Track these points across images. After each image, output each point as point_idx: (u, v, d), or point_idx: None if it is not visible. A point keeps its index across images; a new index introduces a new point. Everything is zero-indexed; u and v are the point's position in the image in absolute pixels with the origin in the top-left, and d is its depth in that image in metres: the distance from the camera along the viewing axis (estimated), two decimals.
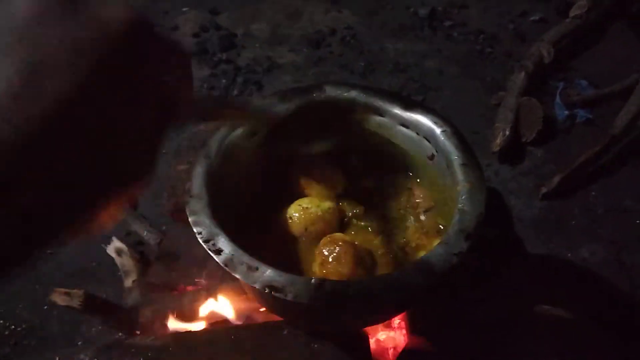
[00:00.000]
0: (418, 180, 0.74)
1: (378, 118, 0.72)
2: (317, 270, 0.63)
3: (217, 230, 0.57)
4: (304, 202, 0.68)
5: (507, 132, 1.18)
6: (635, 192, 1.11)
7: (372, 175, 0.75)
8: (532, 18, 1.54)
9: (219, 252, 0.56)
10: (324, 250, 0.62)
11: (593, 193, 1.12)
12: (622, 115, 1.18)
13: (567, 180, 1.11)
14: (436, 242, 0.59)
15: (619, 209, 1.09)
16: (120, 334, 0.87)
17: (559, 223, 1.08)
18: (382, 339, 0.87)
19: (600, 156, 1.14)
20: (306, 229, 0.66)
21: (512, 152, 1.19)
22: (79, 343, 0.93)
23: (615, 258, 1.01)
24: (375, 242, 0.67)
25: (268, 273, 0.54)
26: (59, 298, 0.95)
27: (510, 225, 1.05)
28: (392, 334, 0.87)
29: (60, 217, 0.27)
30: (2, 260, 0.25)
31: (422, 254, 0.62)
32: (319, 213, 0.67)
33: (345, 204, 0.71)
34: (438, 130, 0.67)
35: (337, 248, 0.61)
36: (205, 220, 0.58)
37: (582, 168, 1.12)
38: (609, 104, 1.27)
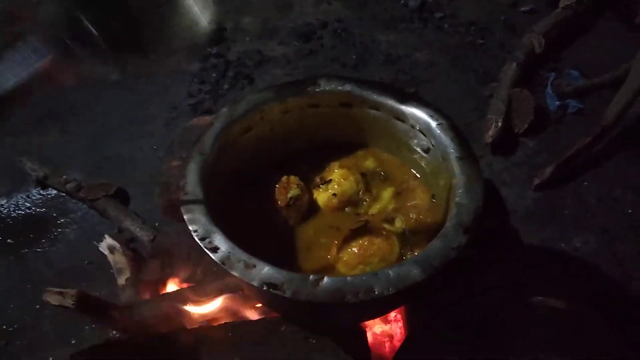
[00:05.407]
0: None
1: (373, 111, 0.71)
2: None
3: (213, 228, 0.57)
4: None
5: (499, 124, 1.18)
6: (626, 182, 1.12)
7: None
8: (522, 9, 1.53)
9: (215, 249, 0.55)
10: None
11: (585, 183, 1.13)
12: (612, 106, 1.18)
13: (559, 171, 1.11)
14: None
15: (610, 198, 1.10)
16: (114, 332, 0.86)
17: (551, 213, 1.08)
18: (378, 332, 0.87)
19: (592, 146, 1.14)
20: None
21: (505, 144, 1.19)
22: (73, 342, 0.92)
23: (607, 247, 1.02)
24: None
25: (266, 270, 0.53)
26: (51, 297, 0.94)
27: (504, 216, 1.06)
28: (388, 327, 0.88)
29: None
30: None
31: None
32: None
33: None
34: (434, 124, 0.67)
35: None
36: (201, 217, 0.58)
37: (574, 158, 1.13)
38: (600, 94, 1.27)
